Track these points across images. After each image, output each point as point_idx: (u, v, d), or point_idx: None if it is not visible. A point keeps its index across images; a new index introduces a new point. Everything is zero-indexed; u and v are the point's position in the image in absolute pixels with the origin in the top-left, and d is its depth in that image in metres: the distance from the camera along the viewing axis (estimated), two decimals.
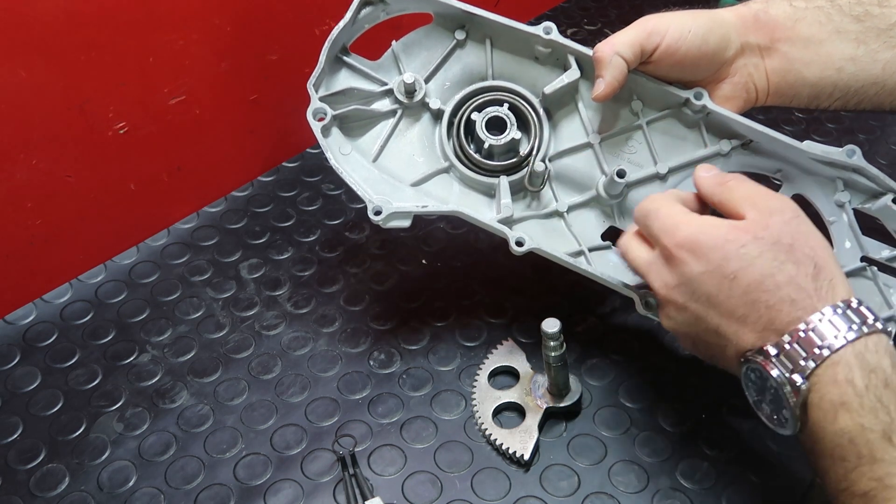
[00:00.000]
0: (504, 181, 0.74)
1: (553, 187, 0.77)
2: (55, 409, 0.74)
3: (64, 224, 0.82)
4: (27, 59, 0.72)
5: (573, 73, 0.75)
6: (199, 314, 0.83)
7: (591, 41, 1.16)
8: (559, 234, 0.75)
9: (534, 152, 0.75)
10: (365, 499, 0.67)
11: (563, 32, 0.77)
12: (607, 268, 0.73)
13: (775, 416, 0.56)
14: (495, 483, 0.69)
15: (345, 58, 0.77)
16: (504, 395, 0.73)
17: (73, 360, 0.78)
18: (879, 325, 0.53)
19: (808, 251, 0.56)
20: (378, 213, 0.71)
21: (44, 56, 0.73)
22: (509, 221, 0.73)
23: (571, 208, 0.76)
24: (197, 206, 0.94)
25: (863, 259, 0.72)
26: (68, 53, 0.75)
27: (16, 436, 0.72)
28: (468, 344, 0.79)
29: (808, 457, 0.55)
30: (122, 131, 0.82)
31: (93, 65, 0.76)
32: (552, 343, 0.68)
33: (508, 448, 0.69)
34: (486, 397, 0.74)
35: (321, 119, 0.73)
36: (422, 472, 0.70)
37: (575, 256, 0.72)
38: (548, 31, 0.74)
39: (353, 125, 0.76)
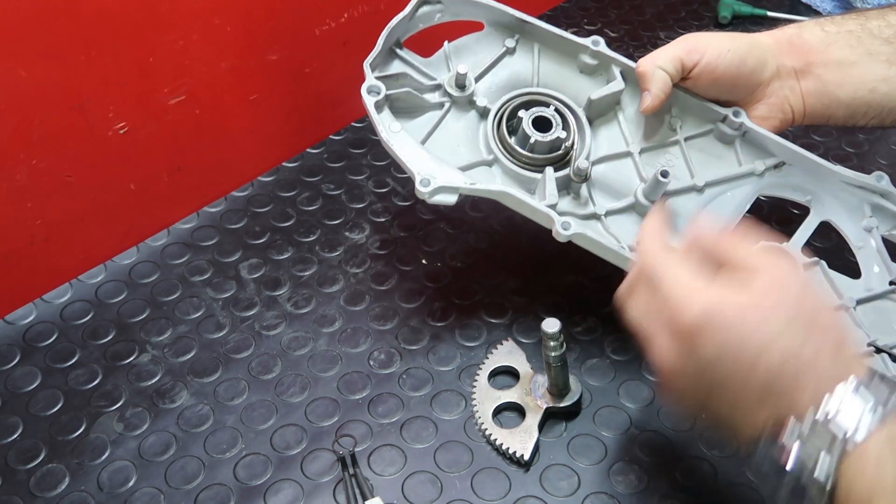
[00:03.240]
0: (550, 171, 0.74)
1: (591, 192, 0.77)
2: (55, 409, 0.74)
3: (64, 224, 0.82)
4: (27, 59, 0.72)
5: (618, 84, 0.77)
6: (199, 314, 0.83)
7: None
8: (597, 234, 0.75)
9: (575, 146, 0.77)
10: (365, 499, 0.67)
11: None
12: None
13: None
14: (495, 483, 0.69)
15: (398, 50, 0.79)
16: (504, 395, 0.74)
17: (73, 360, 0.78)
18: None
19: (829, 321, 0.51)
20: (426, 185, 0.70)
21: (44, 56, 0.73)
22: (553, 209, 0.73)
23: (609, 213, 0.76)
24: (197, 206, 0.94)
25: (891, 283, 0.73)
26: (68, 53, 0.74)
27: (16, 436, 0.72)
28: (468, 344, 0.79)
29: None
30: (122, 131, 0.82)
31: (93, 65, 0.76)
32: (552, 343, 0.68)
33: (508, 448, 0.70)
34: (486, 397, 0.74)
35: (375, 95, 0.74)
36: (422, 472, 0.70)
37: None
38: (596, 43, 0.79)
39: (402, 110, 0.77)
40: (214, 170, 0.93)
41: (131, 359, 0.79)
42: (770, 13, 1.22)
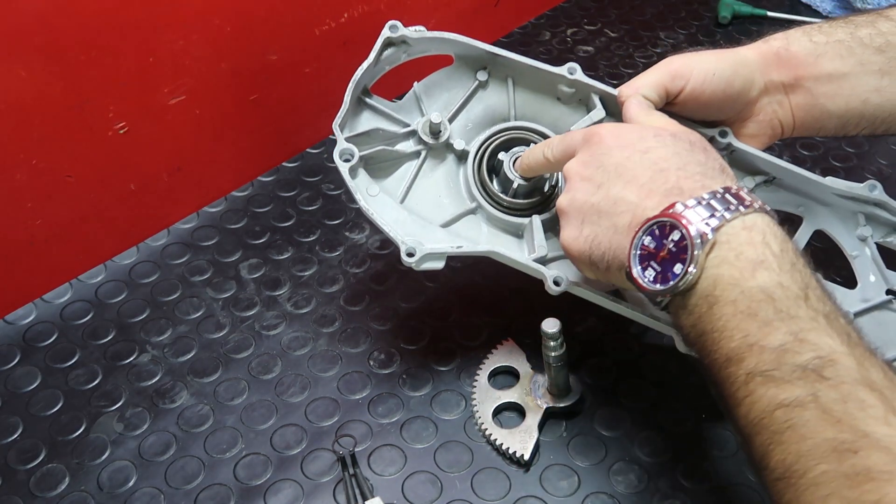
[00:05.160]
0: (536, 220, 0.72)
1: None
2: (55, 409, 0.74)
3: (64, 224, 0.82)
4: (27, 59, 0.72)
5: (598, 113, 0.74)
6: (199, 314, 0.83)
7: (591, 41, 1.18)
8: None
9: (559, 183, 0.74)
10: (365, 499, 0.67)
11: (563, 32, 0.77)
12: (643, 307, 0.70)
13: (661, 276, 0.55)
14: (495, 483, 0.69)
15: (367, 99, 0.76)
16: (504, 395, 0.74)
17: (73, 360, 0.79)
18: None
19: (715, 155, 0.61)
20: (411, 254, 0.68)
21: (44, 56, 0.73)
22: (543, 261, 0.71)
23: None
24: (197, 206, 0.94)
25: (888, 292, 0.73)
26: (68, 53, 0.75)
27: (16, 436, 0.72)
28: (468, 344, 0.79)
29: (693, 325, 0.54)
30: (122, 131, 0.82)
31: (93, 65, 0.76)
32: (552, 343, 0.68)
33: (508, 448, 0.70)
34: (486, 397, 0.74)
35: (348, 160, 0.71)
36: (422, 472, 0.70)
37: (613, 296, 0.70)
38: (572, 71, 0.75)
39: (378, 166, 0.74)
40: (214, 170, 0.93)
41: (131, 359, 0.79)
42: (770, 13, 1.22)
